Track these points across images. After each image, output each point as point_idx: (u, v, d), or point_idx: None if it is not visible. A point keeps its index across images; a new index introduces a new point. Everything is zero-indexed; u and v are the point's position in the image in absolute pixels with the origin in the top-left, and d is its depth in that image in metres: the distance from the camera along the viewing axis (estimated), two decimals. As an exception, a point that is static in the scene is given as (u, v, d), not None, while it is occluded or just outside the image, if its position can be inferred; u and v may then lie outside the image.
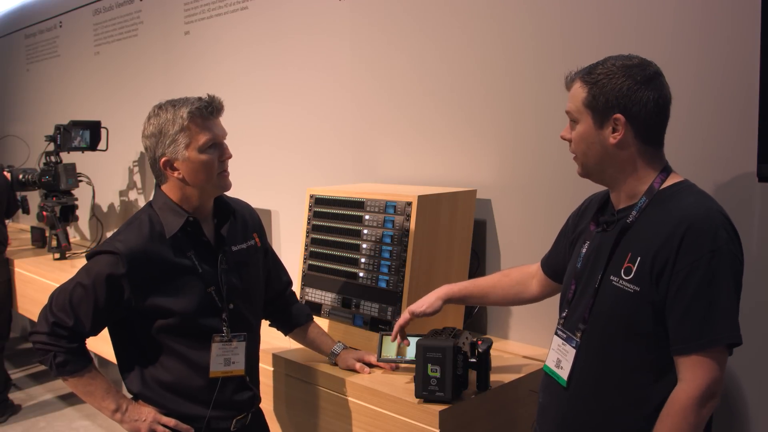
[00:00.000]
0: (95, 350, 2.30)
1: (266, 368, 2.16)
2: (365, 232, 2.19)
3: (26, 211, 4.46)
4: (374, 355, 2.01)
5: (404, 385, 1.89)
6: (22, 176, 4.22)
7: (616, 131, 1.42)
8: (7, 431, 3.94)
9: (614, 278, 1.44)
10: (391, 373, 1.99)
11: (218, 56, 3.52)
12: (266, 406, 2.08)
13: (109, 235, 3.38)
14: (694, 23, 1.82)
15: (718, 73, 1.78)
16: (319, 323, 2.16)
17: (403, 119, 2.62)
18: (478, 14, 2.33)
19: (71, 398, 4.25)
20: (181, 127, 1.70)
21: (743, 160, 1.73)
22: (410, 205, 2.07)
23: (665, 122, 1.45)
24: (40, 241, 4.49)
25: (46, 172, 4.10)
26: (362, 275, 2.18)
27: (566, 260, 1.66)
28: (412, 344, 1.91)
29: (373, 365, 2.01)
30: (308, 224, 2.37)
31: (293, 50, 3.08)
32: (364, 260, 2.18)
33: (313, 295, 2.34)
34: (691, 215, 1.36)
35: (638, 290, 1.39)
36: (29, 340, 1.76)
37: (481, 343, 1.83)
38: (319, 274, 2.32)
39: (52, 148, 4.09)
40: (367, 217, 2.19)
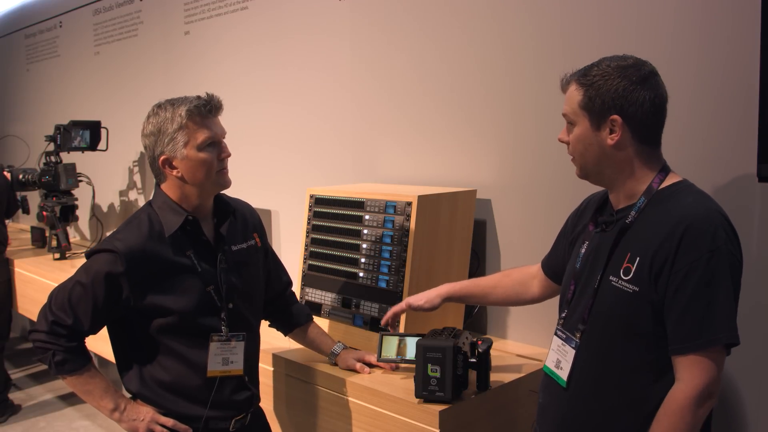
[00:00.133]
0: (95, 350, 2.30)
1: (266, 368, 2.16)
2: (365, 232, 2.19)
3: (26, 211, 4.46)
4: (374, 355, 2.01)
5: (404, 385, 1.89)
6: (22, 176, 4.22)
7: (613, 132, 1.42)
8: (7, 431, 3.93)
9: (613, 278, 1.44)
10: (391, 373, 1.99)
11: (218, 56, 3.52)
12: (266, 405, 2.08)
13: (109, 234, 3.38)
14: (694, 23, 1.82)
15: (718, 73, 1.78)
16: (319, 323, 2.16)
17: (403, 119, 2.62)
18: (478, 14, 2.33)
19: (71, 398, 4.24)
20: (179, 125, 1.70)
21: (743, 160, 1.73)
22: (410, 205, 2.07)
23: (662, 122, 1.45)
24: (40, 241, 4.50)
25: (46, 172, 4.10)
26: (362, 275, 2.18)
27: (566, 261, 1.66)
28: (412, 344, 1.91)
29: (373, 365, 2.01)
30: (308, 224, 2.37)
31: (293, 50, 3.08)
32: (364, 260, 2.18)
33: (313, 295, 2.34)
34: (690, 215, 1.36)
35: (637, 290, 1.39)
36: (29, 338, 1.76)
37: (481, 343, 1.83)
38: (319, 274, 2.32)
39: (52, 148, 4.09)
40: (367, 217, 2.19)
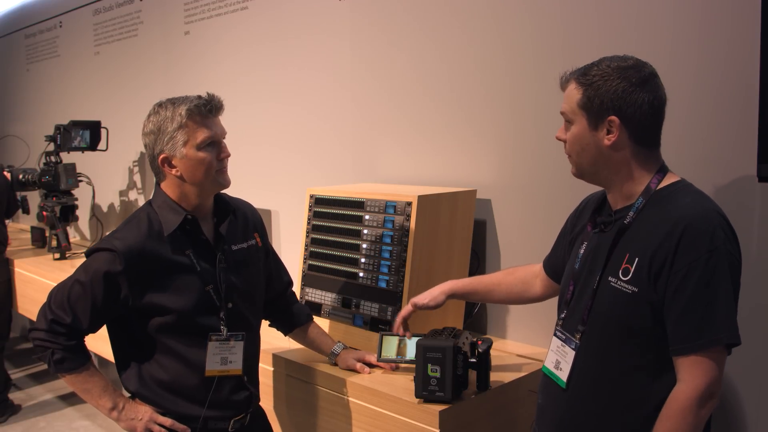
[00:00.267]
0: (94, 349, 2.29)
1: (266, 368, 2.16)
2: (365, 232, 2.19)
3: (26, 211, 4.46)
4: (374, 355, 2.01)
5: (404, 385, 1.89)
6: (22, 176, 4.22)
7: (610, 133, 1.42)
8: (7, 431, 3.93)
9: (612, 279, 1.44)
10: (391, 373, 1.99)
11: (218, 56, 3.52)
12: (266, 405, 2.08)
13: (108, 233, 3.38)
14: (693, 23, 1.82)
15: (717, 73, 1.78)
16: (319, 323, 2.16)
17: (403, 119, 2.62)
18: (478, 14, 2.33)
19: (71, 398, 4.24)
20: (179, 124, 1.70)
21: (743, 160, 1.73)
22: (410, 205, 2.07)
23: (660, 123, 1.45)
24: (40, 241, 4.50)
25: (46, 172, 4.10)
26: (362, 275, 2.18)
27: (566, 261, 1.66)
28: (412, 344, 1.91)
29: (373, 365, 2.01)
30: (308, 224, 2.37)
31: (293, 50, 3.08)
32: (364, 260, 2.18)
33: (313, 295, 2.34)
34: (688, 215, 1.35)
35: (636, 291, 1.39)
36: (28, 337, 1.77)
37: (481, 343, 1.83)
38: (319, 274, 2.32)
39: (52, 148, 4.09)
40: (367, 217, 2.19)
